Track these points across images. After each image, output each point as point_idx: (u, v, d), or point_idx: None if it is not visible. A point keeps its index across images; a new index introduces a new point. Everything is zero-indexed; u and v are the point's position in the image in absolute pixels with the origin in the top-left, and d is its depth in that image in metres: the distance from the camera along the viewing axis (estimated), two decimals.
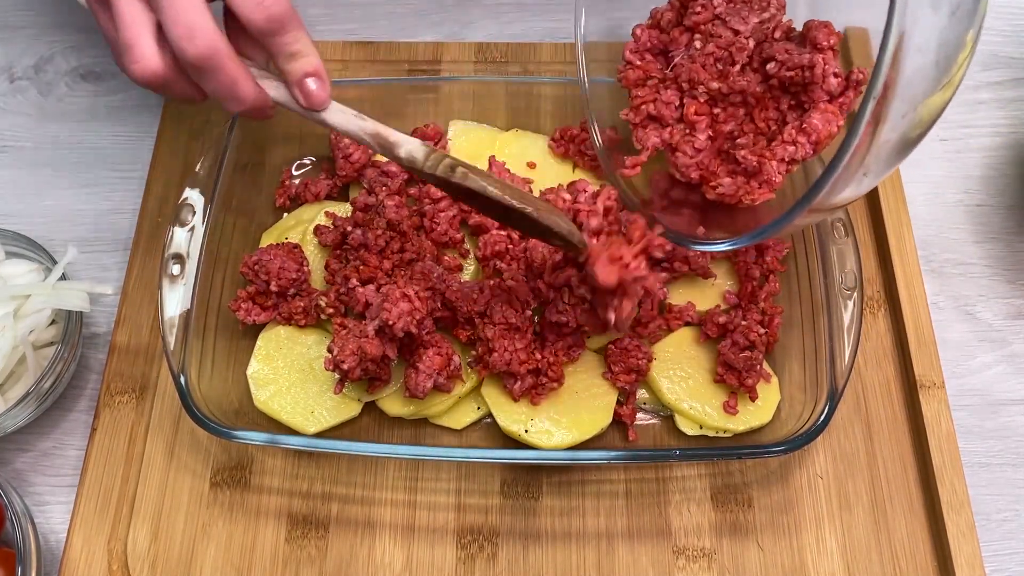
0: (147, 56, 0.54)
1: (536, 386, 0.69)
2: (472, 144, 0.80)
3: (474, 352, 0.70)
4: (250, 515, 0.69)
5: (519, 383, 0.68)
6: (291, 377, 0.71)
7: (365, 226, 0.73)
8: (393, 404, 0.70)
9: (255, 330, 0.74)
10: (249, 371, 0.71)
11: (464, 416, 0.71)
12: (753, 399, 0.69)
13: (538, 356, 0.68)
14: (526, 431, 0.68)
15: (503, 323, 0.68)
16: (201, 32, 0.53)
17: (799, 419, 0.67)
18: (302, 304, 0.72)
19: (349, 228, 0.74)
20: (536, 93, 0.82)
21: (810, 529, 0.69)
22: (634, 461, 0.70)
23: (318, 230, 0.76)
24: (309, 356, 0.72)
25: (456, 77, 0.88)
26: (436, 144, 0.79)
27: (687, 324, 0.73)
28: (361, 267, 0.71)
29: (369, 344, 0.64)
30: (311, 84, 0.58)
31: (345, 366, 0.65)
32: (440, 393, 0.69)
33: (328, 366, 0.66)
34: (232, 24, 0.57)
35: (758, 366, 0.69)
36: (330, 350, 0.66)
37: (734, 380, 0.69)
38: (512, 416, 0.69)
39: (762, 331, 0.69)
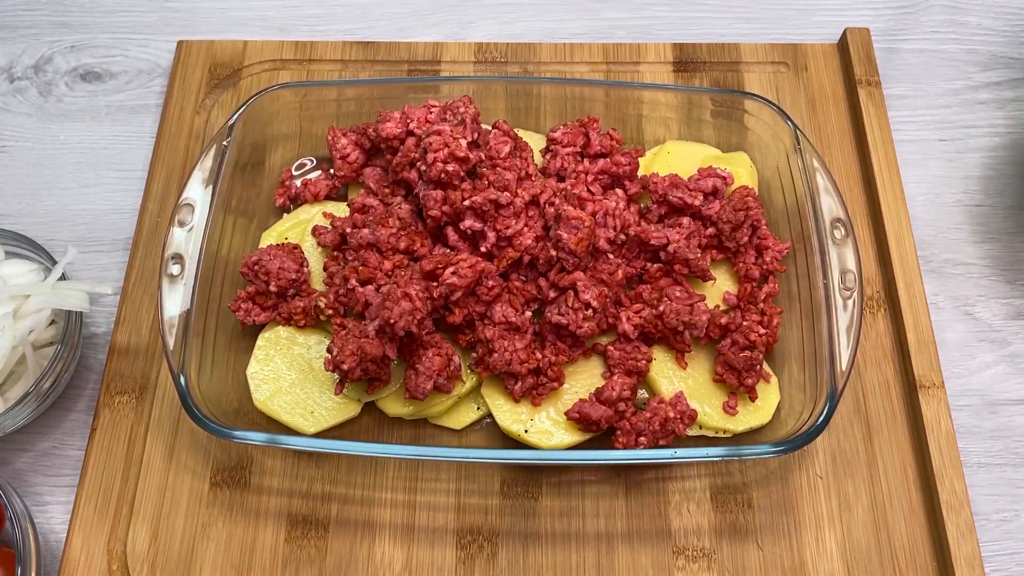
0: None
1: (537, 386, 0.69)
2: None
3: (474, 354, 0.70)
4: (250, 515, 0.69)
5: (520, 383, 0.68)
6: (291, 377, 0.71)
7: (378, 223, 0.72)
8: (393, 404, 0.70)
9: (255, 330, 0.74)
10: (249, 371, 0.71)
11: (464, 416, 0.71)
12: (753, 399, 0.69)
13: (538, 356, 0.68)
14: (526, 431, 0.68)
15: (503, 323, 0.68)
16: None
17: (799, 419, 0.67)
18: (301, 304, 0.72)
19: (348, 229, 0.73)
20: (536, 93, 0.82)
21: (810, 529, 0.69)
22: (633, 461, 0.70)
23: (316, 231, 0.76)
24: (309, 356, 0.72)
25: (456, 77, 0.88)
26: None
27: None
28: (361, 268, 0.70)
29: (369, 344, 0.64)
30: None
31: (345, 366, 0.65)
32: (440, 394, 0.69)
33: (328, 366, 0.66)
34: None
35: (758, 366, 0.69)
36: (330, 350, 0.66)
37: (734, 380, 0.69)
38: (512, 416, 0.69)
39: (762, 331, 0.69)
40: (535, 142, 0.81)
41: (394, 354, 0.66)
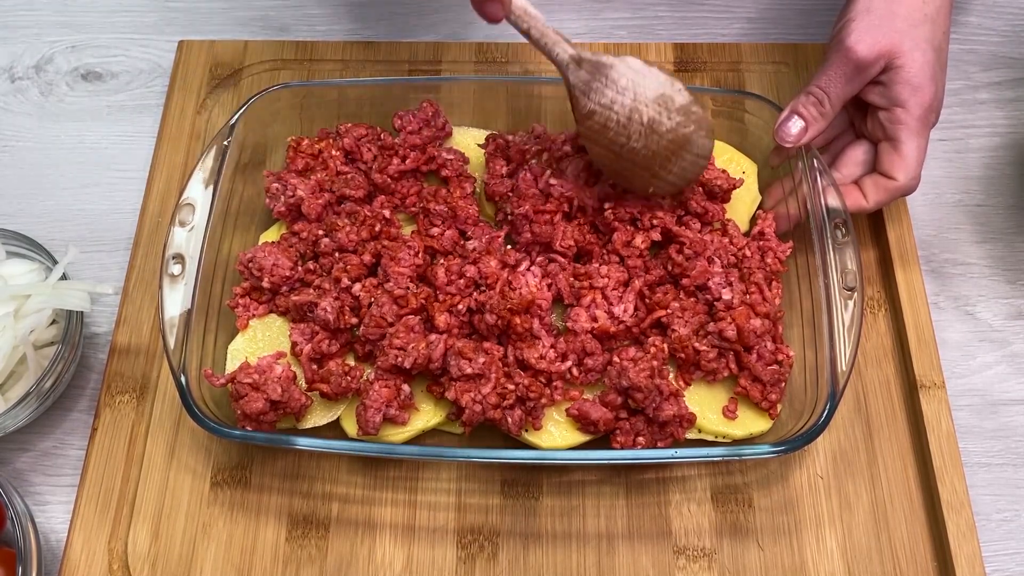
0: None
1: (533, 410, 0.67)
2: (472, 145, 0.80)
3: (451, 415, 0.69)
4: (250, 515, 0.69)
5: (510, 420, 0.66)
6: None
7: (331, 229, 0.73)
8: (352, 423, 0.69)
9: None
10: (231, 345, 0.71)
11: None
12: (773, 417, 0.68)
13: (511, 386, 0.66)
14: (526, 431, 0.68)
15: (461, 377, 0.66)
16: None
17: (799, 419, 0.67)
18: (296, 300, 0.71)
19: (320, 233, 0.74)
20: (536, 93, 0.82)
21: (810, 529, 0.69)
22: (634, 461, 0.70)
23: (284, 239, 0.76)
24: (293, 353, 0.71)
25: (456, 77, 0.88)
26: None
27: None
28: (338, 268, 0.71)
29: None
30: None
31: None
32: (396, 425, 0.67)
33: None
34: None
35: (783, 383, 0.68)
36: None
37: (758, 394, 0.68)
38: None
39: (781, 355, 0.69)
40: None
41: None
